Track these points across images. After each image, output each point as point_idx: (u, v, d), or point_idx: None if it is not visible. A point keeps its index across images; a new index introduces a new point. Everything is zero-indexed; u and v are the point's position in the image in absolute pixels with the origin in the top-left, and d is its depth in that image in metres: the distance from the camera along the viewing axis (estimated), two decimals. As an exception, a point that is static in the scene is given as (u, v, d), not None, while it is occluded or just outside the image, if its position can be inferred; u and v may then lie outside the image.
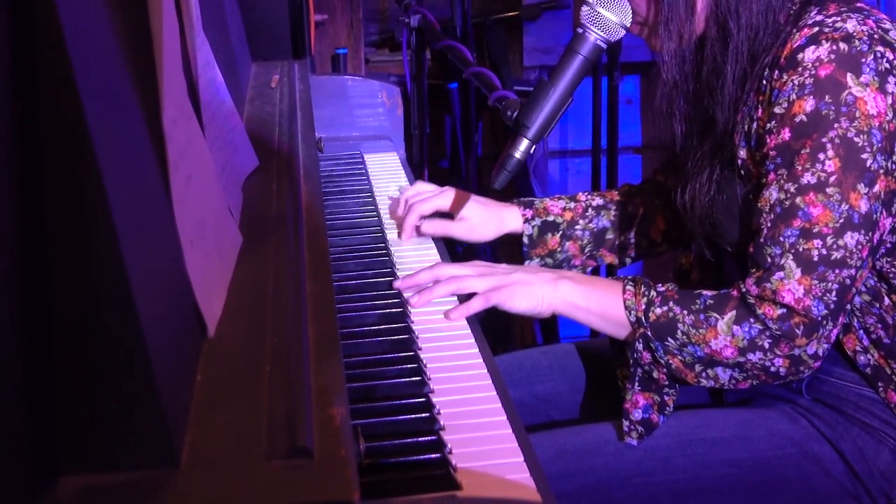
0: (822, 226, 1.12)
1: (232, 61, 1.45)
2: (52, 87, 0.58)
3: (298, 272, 0.94)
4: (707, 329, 1.16)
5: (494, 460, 0.93)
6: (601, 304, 1.23)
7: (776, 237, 1.14)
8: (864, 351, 1.25)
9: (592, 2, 1.26)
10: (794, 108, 1.15)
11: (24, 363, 0.58)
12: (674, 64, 1.26)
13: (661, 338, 1.19)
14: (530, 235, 1.50)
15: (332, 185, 1.72)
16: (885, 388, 1.25)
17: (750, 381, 1.19)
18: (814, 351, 1.15)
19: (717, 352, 1.16)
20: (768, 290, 1.14)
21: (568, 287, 1.24)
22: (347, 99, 2.05)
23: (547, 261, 1.51)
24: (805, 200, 1.13)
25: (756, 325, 1.14)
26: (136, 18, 0.76)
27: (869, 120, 1.12)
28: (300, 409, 0.68)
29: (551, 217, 1.51)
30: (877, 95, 1.13)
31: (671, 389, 1.25)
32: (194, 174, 0.82)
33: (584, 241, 1.51)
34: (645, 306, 1.20)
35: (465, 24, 2.71)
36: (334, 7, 3.01)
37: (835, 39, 1.14)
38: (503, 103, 1.38)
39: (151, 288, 0.65)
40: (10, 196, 0.57)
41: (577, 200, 1.53)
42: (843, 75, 1.13)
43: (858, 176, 1.12)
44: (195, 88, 0.96)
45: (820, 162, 1.13)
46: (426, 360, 1.12)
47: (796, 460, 1.26)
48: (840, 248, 1.12)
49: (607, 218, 1.53)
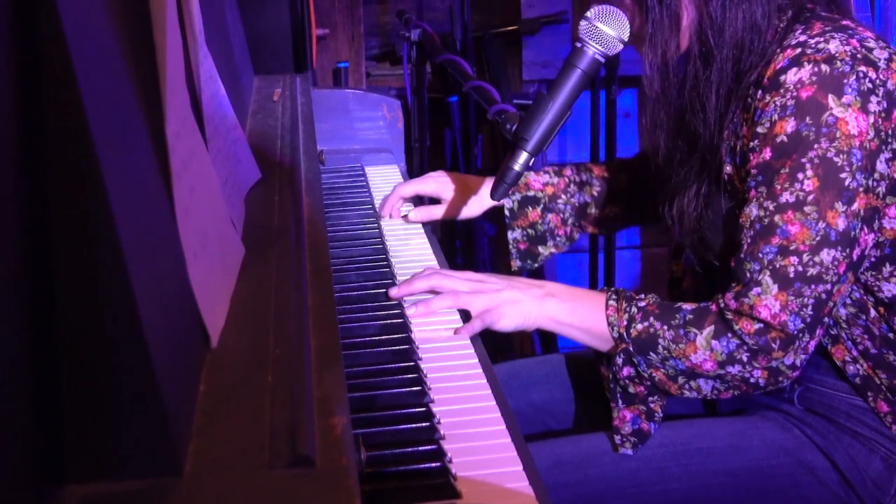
0: (800, 243, 1.14)
1: (235, 75, 1.46)
2: (57, 100, 0.58)
3: (300, 283, 0.95)
4: (687, 344, 1.18)
5: (494, 469, 0.93)
6: (585, 321, 1.25)
7: (755, 253, 1.16)
8: (853, 361, 1.26)
9: (591, 16, 1.27)
10: (775, 128, 1.16)
11: (30, 372, 0.59)
12: (657, 78, 1.27)
13: (644, 352, 1.20)
14: (511, 209, 1.54)
15: (333, 197, 1.73)
16: (875, 397, 1.26)
17: (732, 392, 1.21)
18: (791, 362, 1.17)
19: (698, 365, 1.18)
20: (746, 304, 1.15)
21: (553, 305, 1.26)
22: (349, 112, 2.06)
23: (529, 231, 1.54)
24: (783, 218, 1.15)
25: (734, 340, 1.16)
26: (140, 33, 0.77)
27: (850, 140, 1.13)
28: (302, 419, 0.69)
29: (531, 192, 1.54)
30: (858, 115, 1.13)
31: (654, 397, 1.26)
32: (197, 186, 0.83)
33: (566, 214, 1.55)
34: (627, 322, 1.21)
35: (464, 39, 2.73)
36: (336, 21, 3.03)
37: (817, 61, 1.15)
38: (502, 116, 1.39)
39: (155, 299, 0.65)
40: (16, 208, 0.57)
41: (562, 175, 1.57)
42: (824, 97, 1.14)
43: (836, 195, 1.13)
44: (198, 101, 0.96)
45: (799, 181, 1.14)
46: (426, 370, 1.12)
47: (790, 469, 1.27)
48: (816, 265, 1.14)
49: (589, 193, 1.56)
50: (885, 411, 1.25)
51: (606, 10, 1.27)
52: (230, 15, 1.61)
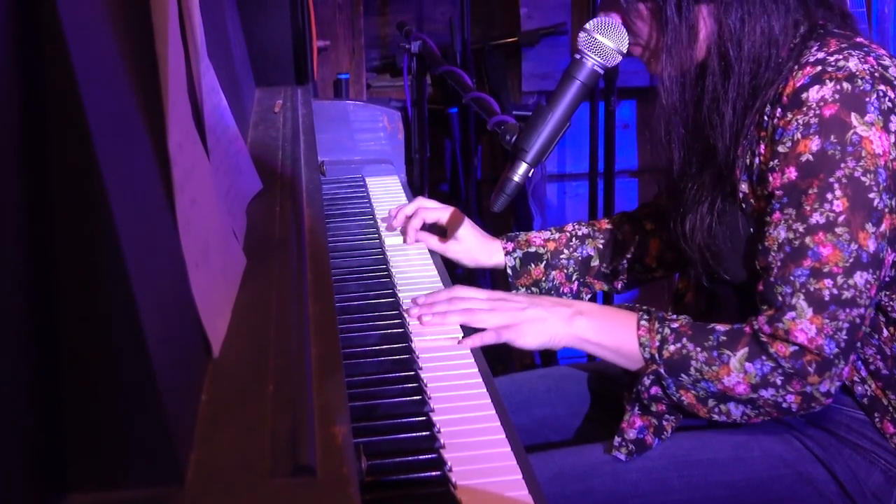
0: (833, 265, 1.12)
1: (236, 87, 1.47)
2: (59, 113, 0.59)
3: (301, 293, 0.95)
4: (720, 366, 1.16)
5: (494, 478, 0.94)
6: (615, 340, 1.23)
7: (786, 276, 1.14)
8: (861, 381, 1.25)
9: (590, 28, 1.28)
10: (798, 147, 1.14)
11: (33, 382, 0.59)
12: (674, 90, 1.25)
13: (675, 374, 1.19)
14: (513, 267, 1.53)
15: (334, 207, 1.74)
16: (882, 418, 1.25)
17: (762, 417, 1.20)
18: (826, 389, 1.15)
19: (730, 388, 1.16)
20: (781, 329, 1.14)
21: (583, 323, 1.24)
22: (349, 123, 2.07)
23: (533, 290, 1.53)
24: (815, 240, 1.13)
25: (768, 363, 1.14)
26: (142, 45, 0.78)
27: (875, 159, 1.12)
28: (303, 428, 0.69)
29: (533, 248, 1.53)
30: (881, 134, 1.13)
31: (671, 416, 1.25)
32: (199, 197, 0.84)
33: (570, 269, 1.53)
34: (659, 343, 1.20)
35: (464, 50, 2.74)
36: (336, 33, 3.04)
37: (838, 79, 1.14)
38: (502, 128, 1.40)
39: (157, 309, 0.66)
40: (18, 218, 0.58)
41: (563, 231, 1.56)
42: (847, 115, 1.13)
43: (866, 215, 1.12)
44: (200, 113, 0.97)
45: (828, 202, 1.13)
46: (427, 380, 1.13)
47: (790, 481, 1.27)
48: (850, 288, 1.12)
49: (592, 246, 1.54)
50: (892, 432, 1.25)
51: (605, 23, 1.27)
52: (232, 27, 1.62)
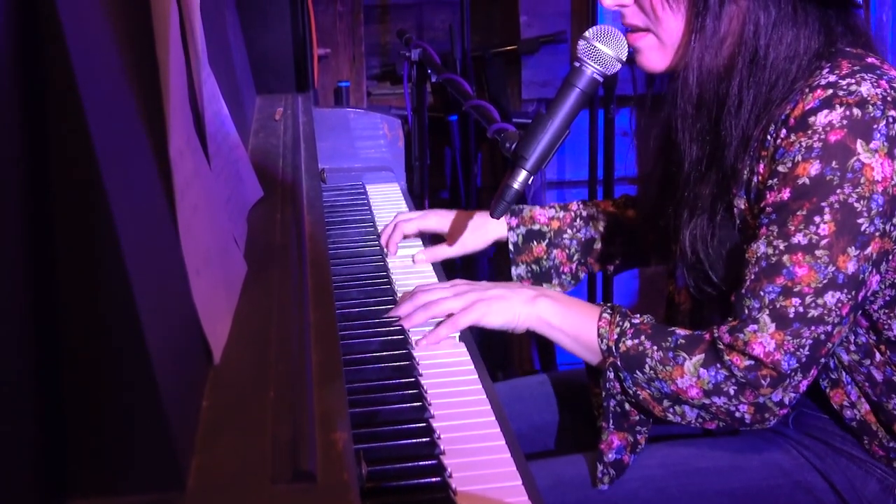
0: (805, 285, 1.12)
1: (237, 94, 1.48)
2: (60, 120, 0.59)
3: (302, 300, 0.95)
4: (674, 367, 1.16)
5: (493, 484, 0.94)
6: (575, 327, 1.24)
7: (756, 290, 1.14)
8: (850, 406, 1.25)
9: (589, 36, 1.28)
10: (797, 169, 1.13)
11: (34, 388, 0.59)
12: (694, 94, 1.22)
13: (630, 369, 1.19)
14: (515, 243, 1.52)
15: (334, 214, 1.74)
16: (871, 442, 1.25)
17: (717, 423, 1.19)
18: (779, 399, 1.15)
19: (683, 390, 1.16)
20: (740, 340, 1.13)
21: (546, 305, 1.25)
22: (350, 131, 2.07)
23: (533, 267, 1.52)
24: (792, 259, 1.12)
25: (722, 371, 1.14)
26: (143, 52, 0.78)
27: (873, 185, 1.11)
28: (304, 434, 0.69)
29: (537, 226, 1.53)
30: (884, 161, 1.12)
31: (643, 427, 1.25)
32: (200, 204, 0.84)
33: (572, 249, 1.53)
34: (617, 336, 1.20)
35: (464, 58, 2.75)
36: (337, 41, 3.05)
37: (849, 104, 1.12)
38: (502, 135, 1.40)
39: (158, 315, 0.66)
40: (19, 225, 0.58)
41: (568, 210, 1.56)
42: (853, 142, 1.11)
43: (851, 240, 1.11)
44: (201, 120, 0.97)
45: (815, 224, 1.12)
46: (427, 386, 1.13)
47: (789, 490, 1.26)
48: (819, 307, 1.12)
49: (595, 228, 1.54)
50: (880, 455, 1.25)
51: (605, 30, 1.28)
52: (233, 35, 1.62)
